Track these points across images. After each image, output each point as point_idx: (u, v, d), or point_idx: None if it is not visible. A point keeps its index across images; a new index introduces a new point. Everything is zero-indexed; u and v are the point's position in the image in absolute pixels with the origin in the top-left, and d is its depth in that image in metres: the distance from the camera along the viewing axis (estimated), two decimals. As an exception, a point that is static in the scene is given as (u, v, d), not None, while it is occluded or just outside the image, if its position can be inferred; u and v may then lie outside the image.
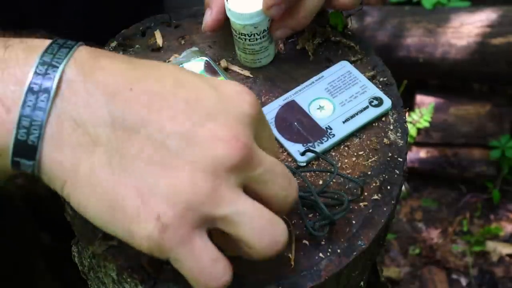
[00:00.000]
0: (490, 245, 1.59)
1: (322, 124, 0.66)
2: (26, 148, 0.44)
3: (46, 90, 0.44)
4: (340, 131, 0.66)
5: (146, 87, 0.45)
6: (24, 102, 0.44)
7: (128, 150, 0.44)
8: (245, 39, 0.68)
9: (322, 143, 0.65)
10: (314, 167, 0.64)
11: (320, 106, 0.68)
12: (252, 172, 0.46)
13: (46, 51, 0.45)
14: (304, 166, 0.64)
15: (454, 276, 1.56)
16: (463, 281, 1.54)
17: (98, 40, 0.74)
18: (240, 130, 0.45)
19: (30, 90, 0.44)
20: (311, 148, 0.64)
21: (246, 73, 0.72)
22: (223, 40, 0.75)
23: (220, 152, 0.44)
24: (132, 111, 0.44)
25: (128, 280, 0.59)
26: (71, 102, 0.44)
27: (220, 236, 0.48)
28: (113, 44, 0.74)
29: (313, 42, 0.72)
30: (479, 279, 1.54)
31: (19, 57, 0.45)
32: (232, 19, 0.67)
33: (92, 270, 0.65)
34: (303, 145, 0.65)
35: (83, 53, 0.47)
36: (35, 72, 0.44)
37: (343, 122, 0.66)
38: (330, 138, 0.66)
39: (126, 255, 0.57)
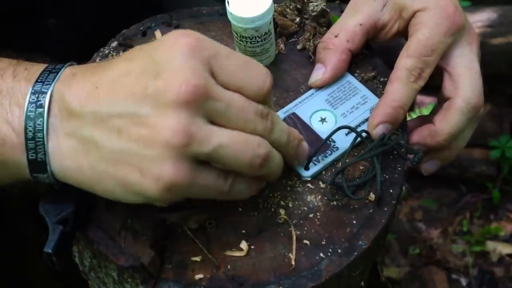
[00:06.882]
0: (490, 245, 1.59)
1: (325, 137, 0.65)
2: (38, 164, 0.53)
3: (41, 115, 0.53)
4: (344, 144, 0.65)
5: (107, 79, 0.53)
6: (26, 128, 0.53)
7: (111, 139, 0.51)
8: (246, 41, 0.68)
9: (326, 156, 0.65)
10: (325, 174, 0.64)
11: (321, 118, 0.68)
12: (213, 106, 0.52)
13: (37, 80, 0.54)
14: (309, 180, 0.64)
15: (454, 276, 1.55)
16: (463, 281, 1.54)
17: (98, 41, 0.74)
18: (187, 74, 0.51)
19: (27, 117, 0.53)
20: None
21: (247, 73, 0.72)
22: (223, 41, 0.75)
23: (175, 96, 0.50)
24: (101, 104, 0.52)
25: (129, 280, 0.59)
26: (61, 118, 0.53)
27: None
28: (114, 44, 0.74)
29: (313, 42, 0.72)
30: (479, 279, 1.54)
31: (21, 86, 0.54)
32: (233, 22, 0.67)
33: (92, 270, 0.65)
34: (307, 160, 0.63)
35: (66, 73, 0.55)
36: (29, 102, 0.53)
37: (346, 135, 0.66)
38: (334, 151, 0.65)
39: (127, 255, 0.57)
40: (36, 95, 0.53)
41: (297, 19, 0.74)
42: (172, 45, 0.52)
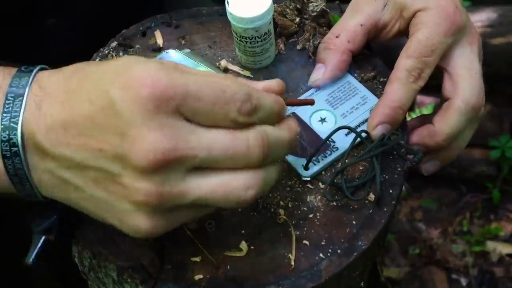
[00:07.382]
0: (490, 245, 1.59)
1: (324, 137, 0.64)
2: (29, 192, 0.53)
3: (16, 153, 0.51)
4: (344, 144, 0.65)
5: (73, 123, 0.50)
6: (6, 167, 0.52)
7: (89, 186, 0.50)
8: (246, 42, 0.68)
9: (326, 157, 0.65)
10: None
11: (321, 118, 0.68)
12: (190, 161, 0.48)
13: (4, 110, 0.51)
14: (309, 181, 0.64)
15: (454, 276, 1.55)
16: (463, 281, 1.54)
17: (99, 41, 0.75)
18: (154, 138, 0.47)
19: (4, 156, 0.51)
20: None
21: (247, 73, 0.72)
22: (223, 41, 0.75)
23: (143, 164, 0.47)
24: (72, 150, 0.50)
25: (129, 280, 0.59)
26: (38, 158, 0.51)
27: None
28: (114, 44, 0.74)
29: (313, 42, 0.72)
30: (479, 279, 1.54)
31: None
32: (233, 22, 0.67)
33: (92, 270, 0.65)
34: (307, 160, 0.64)
35: (32, 103, 0.51)
36: (2, 140, 0.51)
37: (346, 135, 0.66)
38: (334, 151, 0.65)
39: (127, 255, 0.57)
40: (7, 131, 0.51)
41: (297, 19, 0.74)
42: (135, 97, 0.47)
